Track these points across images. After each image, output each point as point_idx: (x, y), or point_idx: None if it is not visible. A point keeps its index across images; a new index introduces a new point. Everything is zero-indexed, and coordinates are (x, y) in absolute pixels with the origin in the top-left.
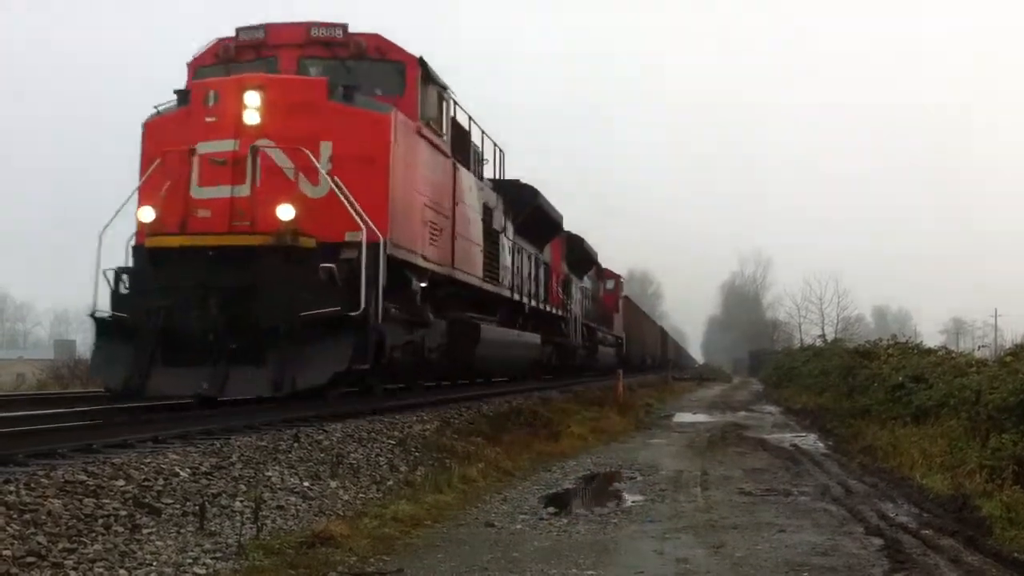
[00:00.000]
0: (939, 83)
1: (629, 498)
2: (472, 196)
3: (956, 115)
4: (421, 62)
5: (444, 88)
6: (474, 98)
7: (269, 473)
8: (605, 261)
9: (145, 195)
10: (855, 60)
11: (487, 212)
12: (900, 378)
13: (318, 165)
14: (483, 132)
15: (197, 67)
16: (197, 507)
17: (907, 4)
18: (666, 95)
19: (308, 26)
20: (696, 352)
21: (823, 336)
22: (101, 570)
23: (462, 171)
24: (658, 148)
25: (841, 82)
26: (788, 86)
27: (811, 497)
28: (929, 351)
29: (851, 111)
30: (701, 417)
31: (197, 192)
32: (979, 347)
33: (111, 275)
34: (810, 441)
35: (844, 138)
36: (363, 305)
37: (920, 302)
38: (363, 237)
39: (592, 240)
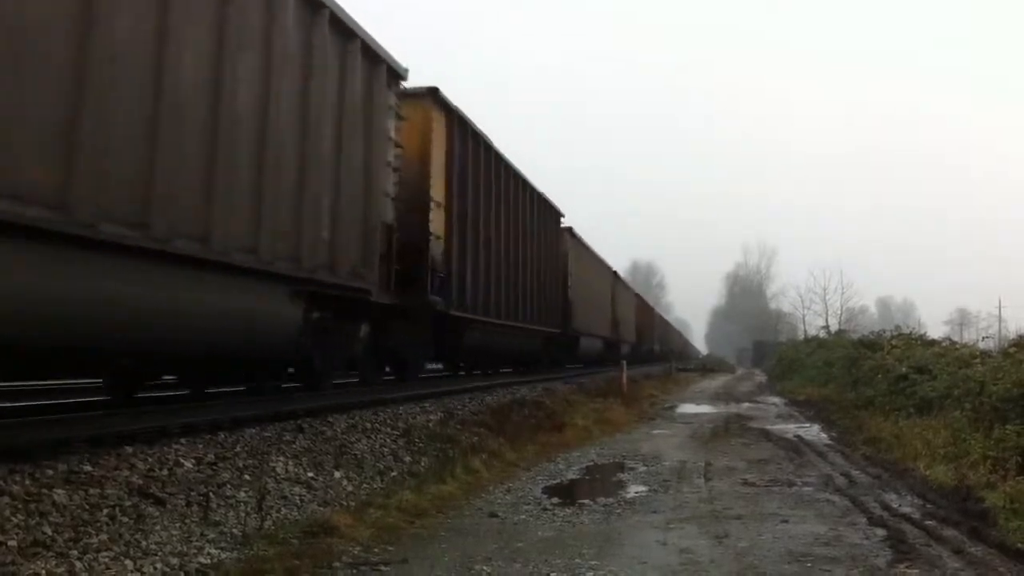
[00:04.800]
0: (941, 81)
1: (633, 489)
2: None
3: (961, 111)
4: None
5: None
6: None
7: (273, 463)
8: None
9: None
10: (857, 58)
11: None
12: (904, 369)
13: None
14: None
15: None
16: (202, 497)
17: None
18: (669, 90)
19: None
20: (700, 343)
21: (827, 327)
22: (106, 560)
23: None
24: (663, 141)
25: (841, 80)
26: (790, 80)
27: (814, 488)
28: (933, 342)
29: (854, 106)
30: (705, 408)
31: None
32: (983, 338)
33: None
34: (814, 432)
35: (848, 131)
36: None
37: (924, 293)
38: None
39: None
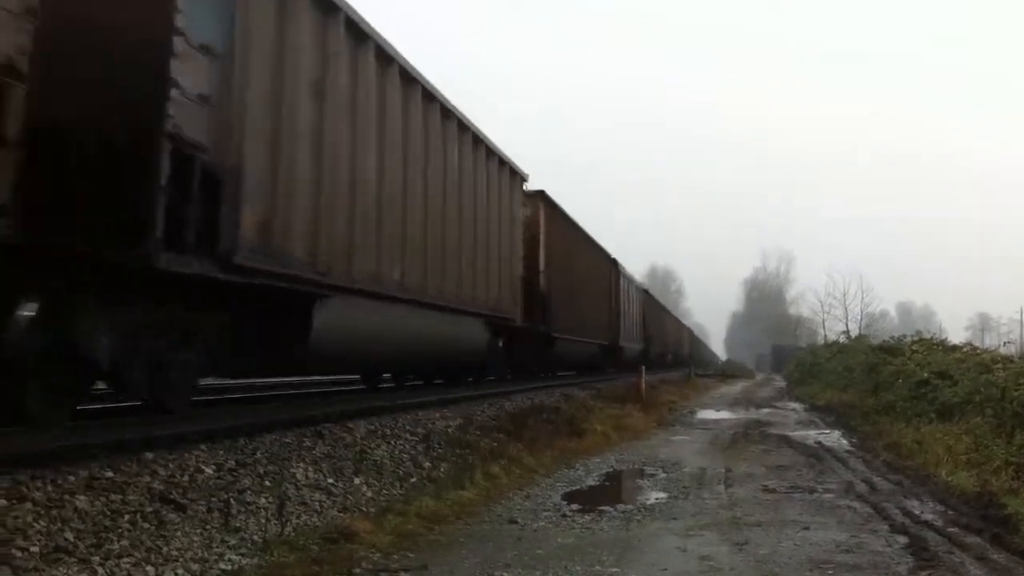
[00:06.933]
0: (960, 83)
1: (652, 495)
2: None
3: (981, 112)
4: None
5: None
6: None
7: (293, 470)
8: None
9: None
10: (873, 60)
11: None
12: (925, 375)
13: None
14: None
15: None
16: (222, 503)
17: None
18: (686, 95)
19: None
20: (719, 348)
21: (847, 332)
22: (128, 566)
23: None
24: (679, 147)
25: (856, 84)
26: (804, 84)
27: (835, 494)
28: (954, 347)
29: (871, 109)
30: (724, 414)
31: None
32: (1004, 343)
33: None
34: (834, 438)
35: (866, 136)
36: None
37: (945, 298)
38: None
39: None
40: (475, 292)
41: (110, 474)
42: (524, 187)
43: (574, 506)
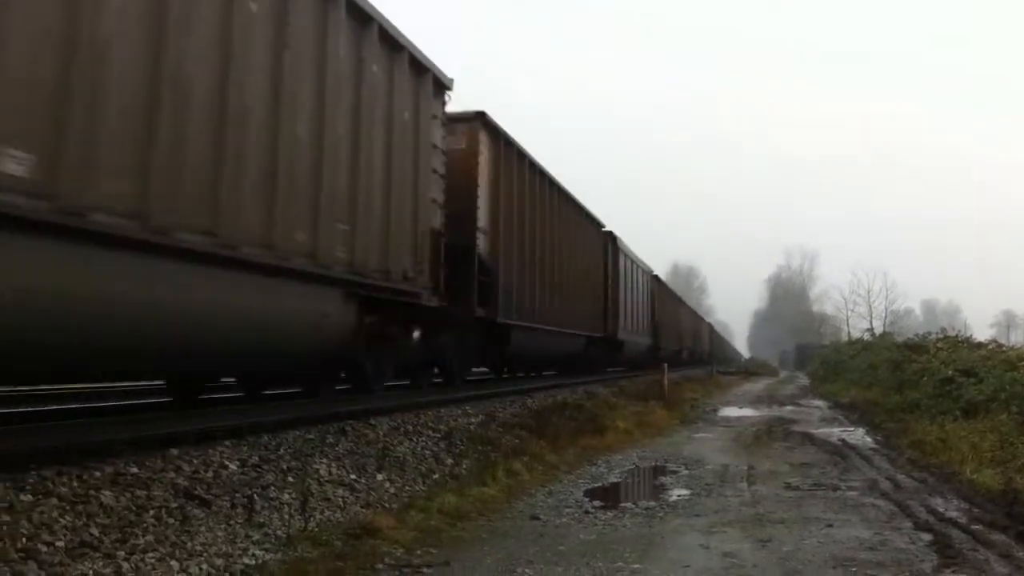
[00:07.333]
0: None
1: (675, 492)
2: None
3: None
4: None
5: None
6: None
7: (316, 466)
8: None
9: None
10: (870, 62)
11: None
12: (950, 372)
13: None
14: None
15: None
16: (246, 499)
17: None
18: (686, 95)
19: None
20: (742, 346)
21: (871, 330)
22: (152, 561)
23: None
24: (703, 146)
25: (879, 83)
26: (802, 86)
27: (859, 492)
28: (979, 345)
29: (896, 107)
30: (747, 411)
31: None
32: None
33: None
34: (858, 436)
35: (889, 135)
36: None
37: (970, 295)
38: None
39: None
40: (320, 241)
41: (135, 470)
42: (448, 99)
43: (596, 503)
